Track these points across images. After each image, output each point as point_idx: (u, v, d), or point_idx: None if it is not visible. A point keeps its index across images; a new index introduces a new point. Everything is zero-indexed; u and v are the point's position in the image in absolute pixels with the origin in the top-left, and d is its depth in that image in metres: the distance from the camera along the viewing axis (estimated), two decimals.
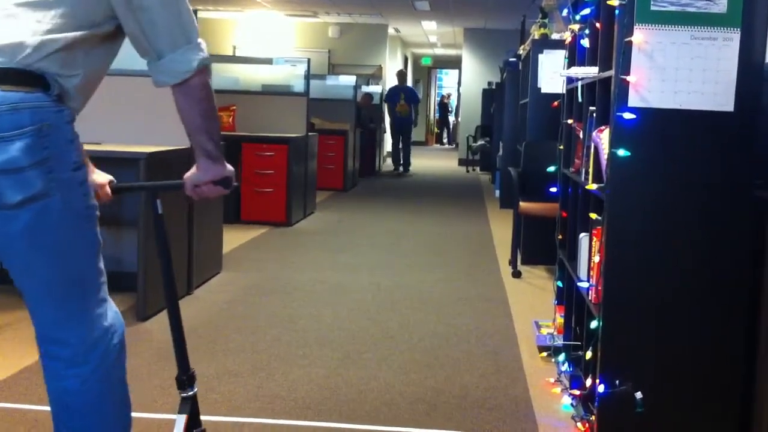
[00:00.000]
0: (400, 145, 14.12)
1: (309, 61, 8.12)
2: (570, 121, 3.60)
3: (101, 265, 1.92)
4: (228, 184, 2.00)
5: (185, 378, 2.24)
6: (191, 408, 2.23)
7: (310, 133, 7.98)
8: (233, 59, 10.56)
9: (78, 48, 1.78)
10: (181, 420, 2.19)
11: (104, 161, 4.50)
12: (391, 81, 17.25)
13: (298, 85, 7.94)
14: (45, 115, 1.73)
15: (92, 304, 1.90)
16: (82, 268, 1.87)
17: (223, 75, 8.01)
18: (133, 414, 2.84)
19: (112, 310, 1.97)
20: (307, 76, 7.89)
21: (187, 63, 1.83)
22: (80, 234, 1.85)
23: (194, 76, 1.85)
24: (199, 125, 1.90)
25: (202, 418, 2.87)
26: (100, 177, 2.14)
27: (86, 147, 4.66)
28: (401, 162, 14.12)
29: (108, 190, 2.13)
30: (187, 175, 2.01)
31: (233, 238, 6.37)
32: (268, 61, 8.27)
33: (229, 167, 2.01)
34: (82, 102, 1.87)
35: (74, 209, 1.82)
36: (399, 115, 14.07)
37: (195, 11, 4.56)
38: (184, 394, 2.24)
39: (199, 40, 1.87)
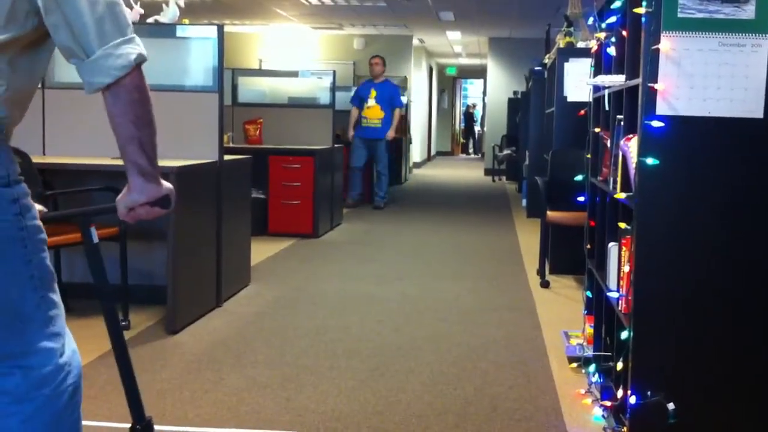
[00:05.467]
0: (377, 170, 9.68)
1: (334, 73, 8.17)
2: (597, 130, 3.58)
3: (52, 295, 1.72)
4: (166, 203, 1.77)
5: (140, 428, 2.03)
6: None
7: (336, 145, 8.01)
8: (259, 72, 10.64)
9: (0, 55, 1.60)
10: None
11: None
12: (417, 91, 17.30)
13: (324, 97, 7.99)
14: None
15: (38, 337, 1.69)
16: (17, 298, 1.66)
17: (250, 88, 8.08)
18: (165, 427, 2.88)
19: (69, 348, 1.76)
20: (333, 88, 7.93)
21: (123, 57, 1.60)
22: (12, 258, 1.63)
23: (128, 75, 1.61)
24: (130, 134, 1.65)
25: (232, 431, 2.90)
26: None
27: (114, 162, 4.70)
28: (375, 191, 9.77)
29: None
30: (120, 197, 1.77)
31: (261, 251, 6.40)
32: (294, 74, 8.33)
33: (167, 185, 1.78)
34: (11, 114, 1.67)
35: (5, 230, 1.62)
36: (366, 124, 9.46)
37: (221, 25, 4.62)
38: None
39: (134, 34, 1.65)
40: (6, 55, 1.61)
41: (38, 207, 1.94)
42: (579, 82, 5.83)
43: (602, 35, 3.45)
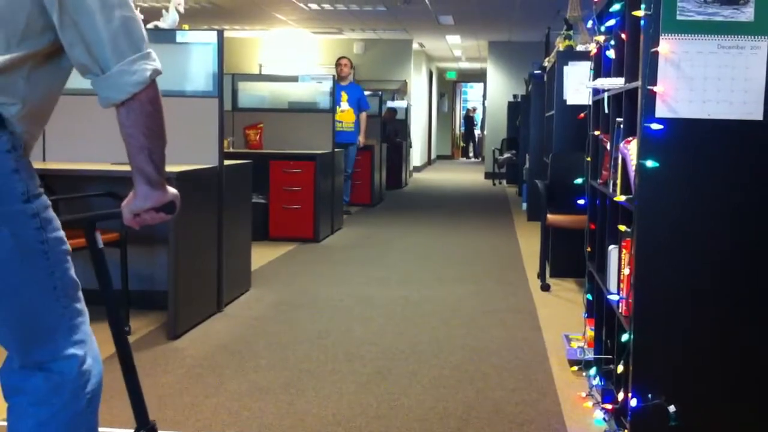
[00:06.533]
0: (345, 173, 9.14)
1: (334, 77, 8.17)
2: (597, 133, 3.59)
3: (76, 305, 1.76)
4: (171, 209, 1.80)
5: None
6: None
7: (336, 149, 8.01)
8: (259, 77, 10.66)
9: (16, 71, 1.61)
10: None
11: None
12: (416, 95, 17.32)
13: (324, 102, 8.00)
14: None
15: (62, 345, 1.73)
16: (41, 309, 1.70)
17: (250, 93, 8.09)
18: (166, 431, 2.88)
19: (92, 357, 1.79)
20: (333, 93, 7.94)
21: (139, 74, 1.62)
22: (35, 271, 1.67)
23: (144, 89, 1.64)
24: (140, 144, 1.68)
25: None
26: None
27: (115, 167, 4.69)
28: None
29: None
30: (125, 202, 1.80)
31: (262, 256, 6.40)
32: (294, 79, 8.34)
33: (172, 190, 1.80)
34: (30, 130, 1.68)
35: (26, 244, 1.65)
36: (340, 128, 8.91)
37: (221, 30, 4.62)
38: None
39: (149, 49, 1.67)
40: (23, 71, 1.62)
41: None
42: (579, 85, 5.83)
43: (601, 38, 3.45)
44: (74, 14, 1.59)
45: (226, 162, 4.72)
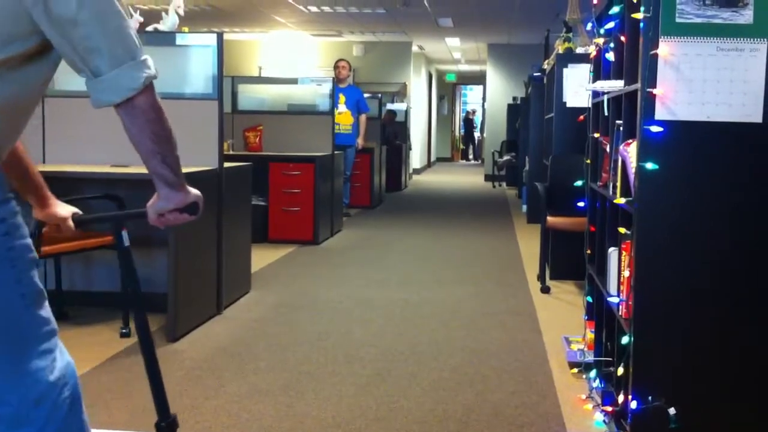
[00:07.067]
0: (344, 176, 9.03)
1: (334, 80, 8.17)
2: (596, 135, 3.59)
3: (42, 313, 1.69)
4: (194, 210, 1.84)
5: (164, 425, 2.07)
6: None
7: (336, 152, 8.02)
8: (259, 80, 10.66)
9: None
10: None
11: (132, 183, 4.59)
12: (416, 98, 17.33)
13: (324, 104, 8.00)
14: None
15: (30, 357, 1.66)
16: (7, 317, 1.64)
17: (250, 95, 8.09)
18: None
19: (62, 361, 1.74)
20: (332, 95, 7.94)
21: (132, 80, 1.62)
22: (2, 278, 1.61)
23: (139, 95, 1.63)
24: (150, 149, 1.69)
25: None
26: (63, 210, 2.03)
27: (114, 170, 4.67)
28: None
29: (71, 223, 2.02)
30: (150, 203, 1.83)
31: (261, 258, 6.40)
32: (294, 81, 8.35)
33: (194, 192, 1.83)
34: (2, 126, 1.62)
35: None
36: (338, 131, 8.70)
37: (221, 33, 4.63)
38: None
39: (145, 56, 1.66)
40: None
41: (72, 209, 2.03)
42: (578, 87, 5.84)
43: (601, 41, 3.46)
44: (65, 26, 1.56)
45: (226, 164, 4.72)
